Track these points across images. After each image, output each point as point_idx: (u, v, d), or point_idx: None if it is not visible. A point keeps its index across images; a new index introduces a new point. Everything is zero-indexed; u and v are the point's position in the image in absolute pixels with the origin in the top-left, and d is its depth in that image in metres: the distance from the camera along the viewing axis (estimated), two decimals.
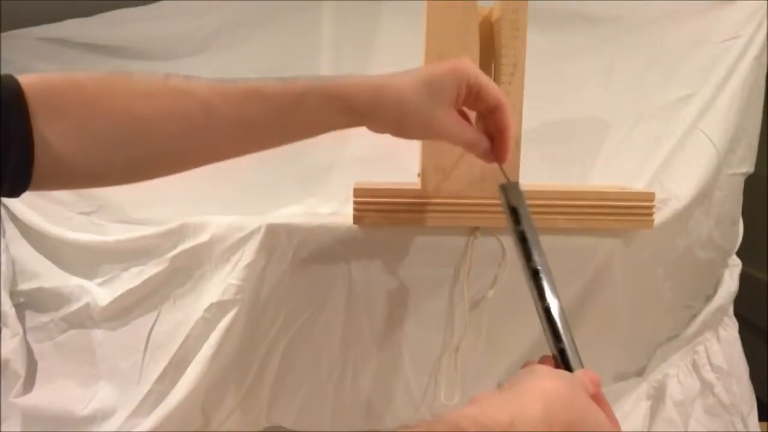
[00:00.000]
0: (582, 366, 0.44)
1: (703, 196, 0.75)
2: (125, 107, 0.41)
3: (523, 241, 0.48)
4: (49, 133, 0.38)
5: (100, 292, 0.76)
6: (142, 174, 0.46)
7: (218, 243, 0.69)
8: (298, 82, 0.46)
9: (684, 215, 0.73)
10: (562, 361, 0.44)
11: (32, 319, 0.84)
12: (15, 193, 0.40)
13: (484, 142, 0.53)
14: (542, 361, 0.45)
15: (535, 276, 0.47)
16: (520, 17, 0.62)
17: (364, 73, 0.96)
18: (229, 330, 0.67)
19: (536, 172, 0.80)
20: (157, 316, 0.73)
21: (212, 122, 0.44)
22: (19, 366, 0.81)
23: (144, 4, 0.99)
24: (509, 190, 0.51)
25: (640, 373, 0.79)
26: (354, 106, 0.48)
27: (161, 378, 0.70)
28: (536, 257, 0.47)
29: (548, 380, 0.38)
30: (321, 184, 0.93)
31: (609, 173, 0.83)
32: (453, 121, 0.51)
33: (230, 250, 0.68)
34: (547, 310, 0.46)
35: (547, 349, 0.56)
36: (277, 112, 0.46)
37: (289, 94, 0.46)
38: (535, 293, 0.47)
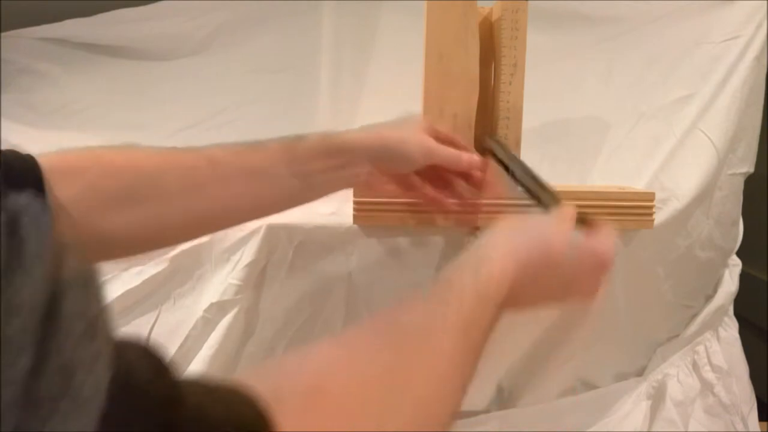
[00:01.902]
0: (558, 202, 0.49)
1: (703, 196, 0.75)
2: (132, 164, 0.42)
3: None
4: (62, 196, 0.39)
5: None
6: (159, 235, 0.46)
7: (218, 243, 0.69)
8: (295, 137, 0.49)
9: (684, 215, 0.73)
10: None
11: None
12: None
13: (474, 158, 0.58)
14: None
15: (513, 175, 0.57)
16: (520, 17, 0.62)
17: (364, 72, 0.96)
18: (229, 330, 0.67)
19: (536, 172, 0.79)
20: (157, 316, 0.72)
21: (218, 173, 0.45)
22: None
23: (144, 4, 0.99)
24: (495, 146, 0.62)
25: (640, 373, 0.79)
26: (353, 149, 0.51)
27: None
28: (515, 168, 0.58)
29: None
30: None
31: (609, 173, 0.83)
32: (441, 144, 0.55)
33: (230, 250, 0.68)
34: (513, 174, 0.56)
35: (549, 353, 0.55)
36: (278, 159, 0.47)
37: (288, 143, 0.48)
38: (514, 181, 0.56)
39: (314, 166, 0.49)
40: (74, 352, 0.16)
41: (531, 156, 0.69)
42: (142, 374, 0.19)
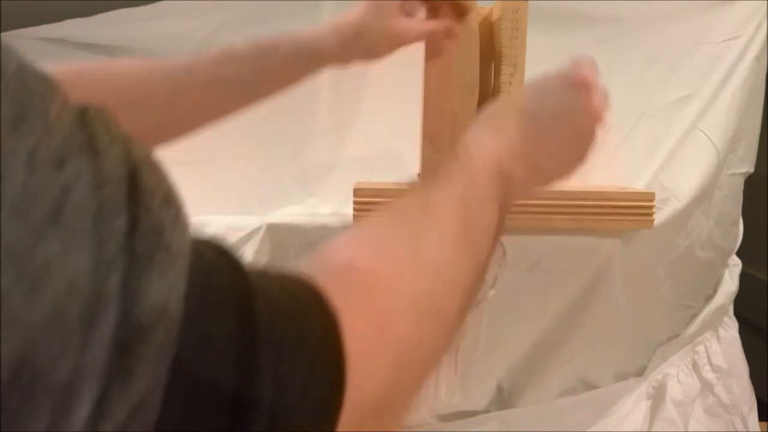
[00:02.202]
0: None
1: (703, 196, 0.75)
2: (113, 74, 0.45)
3: None
4: None
5: None
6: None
7: None
8: (267, 38, 0.51)
9: (684, 215, 0.73)
10: None
11: None
12: None
13: (441, 24, 0.57)
14: None
15: None
16: (520, 17, 0.62)
17: (364, 72, 0.96)
18: None
19: None
20: None
21: (195, 82, 0.48)
22: None
23: (144, 4, 0.99)
24: None
25: (640, 373, 0.79)
26: (321, 51, 0.52)
27: None
28: None
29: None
30: (321, 184, 0.93)
31: (609, 173, 0.83)
32: (407, 22, 0.56)
33: None
34: None
35: (549, 353, 0.55)
36: (251, 67, 0.50)
37: (261, 49, 0.51)
38: None
39: (286, 73, 0.53)
40: (158, 214, 0.19)
41: None
42: (209, 253, 0.21)
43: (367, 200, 0.66)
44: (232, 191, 0.86)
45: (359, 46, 0.54)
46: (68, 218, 0.16)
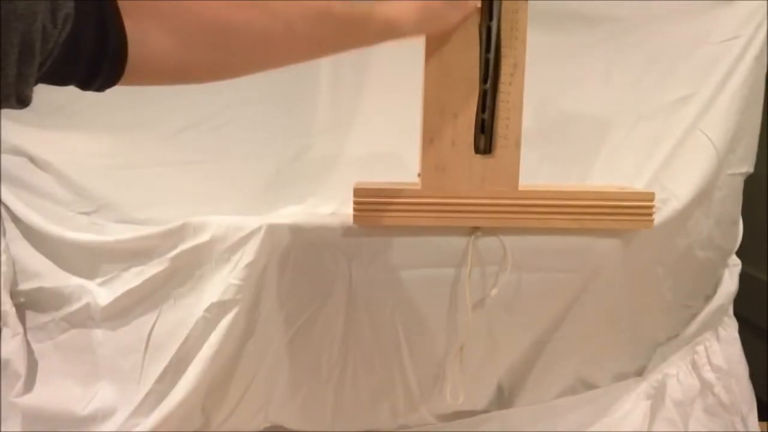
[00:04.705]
0: None
1: (702, 196, 0.75)
2: (214, 16, 0.45)
3: None
4: (145, 30, 0.42)
5: (100, 292, 0.76)
6: (222, 74, 0.50)
7: (218, 243, 0.68)
8: (362, 7, 0.53)
9: (684, 215, 0.73)
10: None
11: (32, 318, 0.83)
12: (105, 86, 0.43)
13: None
14: None
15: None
16: (520, 17, 0.62)
17: (364, 72, 0.96)
18: (229, 330, 0.67)
19: (536, 172, 0.80)
20: (158, 316, 0.72)
21: (289, 39, 0.49)
22: (19, 366, 0.80)
23: None
24: None
25: (640, 372, 0.79)
26: (402, 32, 0.56)
27: (161, 378, 0.70)
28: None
29: None
30: (321, 184, 0.93)
31: (609, 173, 0.83)
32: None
33: (231, 250, 0.68)
34: None
35: (549, 353, 0.55)
36: (343, 34, 0.53)
37: (355, 18, 0.53)
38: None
39: (367, 43, 0.57)
40: None
41: (531, 156, 0.69)
42: None
43: (367, 200, 0.66)
44: (232, 191, 0.86)
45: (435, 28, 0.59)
46: None
